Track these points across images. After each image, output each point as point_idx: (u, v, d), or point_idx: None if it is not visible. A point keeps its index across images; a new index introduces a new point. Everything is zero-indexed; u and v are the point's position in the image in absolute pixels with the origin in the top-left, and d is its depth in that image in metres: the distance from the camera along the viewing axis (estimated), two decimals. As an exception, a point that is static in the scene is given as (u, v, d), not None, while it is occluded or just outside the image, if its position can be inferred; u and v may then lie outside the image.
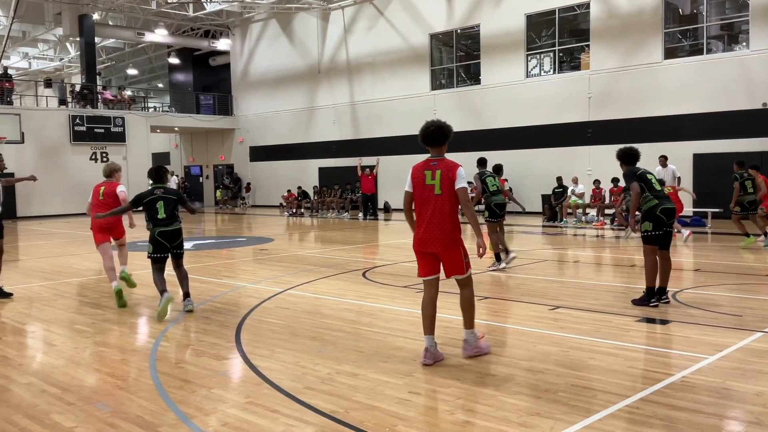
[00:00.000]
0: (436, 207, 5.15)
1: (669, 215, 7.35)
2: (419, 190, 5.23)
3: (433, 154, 5.33)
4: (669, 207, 7.36)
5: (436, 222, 5.15)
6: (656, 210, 7.31)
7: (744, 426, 3.96)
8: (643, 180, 7.47)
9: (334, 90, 29.60)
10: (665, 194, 7.56)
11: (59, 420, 4.25)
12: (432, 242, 5.18)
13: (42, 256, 13.77)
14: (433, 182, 5.17)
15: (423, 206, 5.20)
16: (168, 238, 7.64)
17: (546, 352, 5.58)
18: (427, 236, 5.18)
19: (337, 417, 4.17)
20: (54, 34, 37.54)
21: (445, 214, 5.15)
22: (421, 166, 5.29)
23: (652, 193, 7.40)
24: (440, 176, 5.16)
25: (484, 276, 10.05)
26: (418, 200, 5.24)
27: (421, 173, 5.24)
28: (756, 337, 5.90)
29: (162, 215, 7.61)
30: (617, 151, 7.90)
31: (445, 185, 5.14)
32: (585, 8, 21.77)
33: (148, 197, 7.69)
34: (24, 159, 26.70)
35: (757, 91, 18.25)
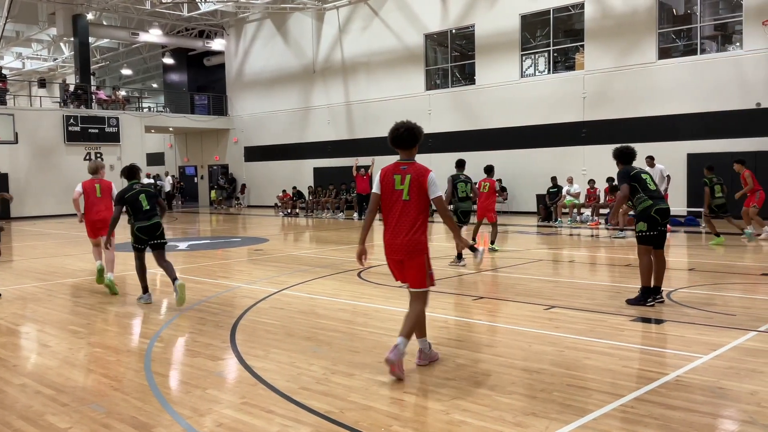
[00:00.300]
0: (403, 213, 4.96)
1: (663, 215, 7.37)
2: (387, 194, 5.03)
3: (403, 157, 5.12)
4: (663, 207, 7.38)
5: (402, 228, 4.96)
6: (651, 210, 7.33)
7: (738, 425, 3.98)
8: (638, 180, 7.47)
9: (329, 90, 29.59)
10: (660, 194, 7.57)
11: (54, 421, 4.23)
12: (397, 249, 5.00)
13: (36, 256, 13.71)
14: (402, 187, 4.97)
15: (390, 211, 5.02)
16: (147, 232, 8.17)
17: (541, 352, 5.59)
18: (393, 242, 5.01)
19: (332, 417, 4.17)
20: (48, 34, 37.41)
21: (411, 221, 4.95)
22: (391, 169, 5.07)
23: (647, 193, 7.40)
24: (409, 181, 4.96)
25: (479, 276, 10.06)
26: (385, 204, 5.05)
27: (390, 177, 5.03)
28: (750, 336, 5.93)
29: (146, 206, 8.16)
30: (613, 150, 7.91)
31: (413, 191, 4.95)
32: (579, 8, 21.82)
33: (129, 193, 8.20)
34: (18, 159, 26.61)
35: (750, 91, 18.32)
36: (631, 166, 7.70)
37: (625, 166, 7.69)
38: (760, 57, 18.13)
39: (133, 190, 8.24)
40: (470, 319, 6.96)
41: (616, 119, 20.82)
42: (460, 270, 10.47)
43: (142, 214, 8.14)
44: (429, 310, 7.39)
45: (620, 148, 7.82)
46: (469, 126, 24.59)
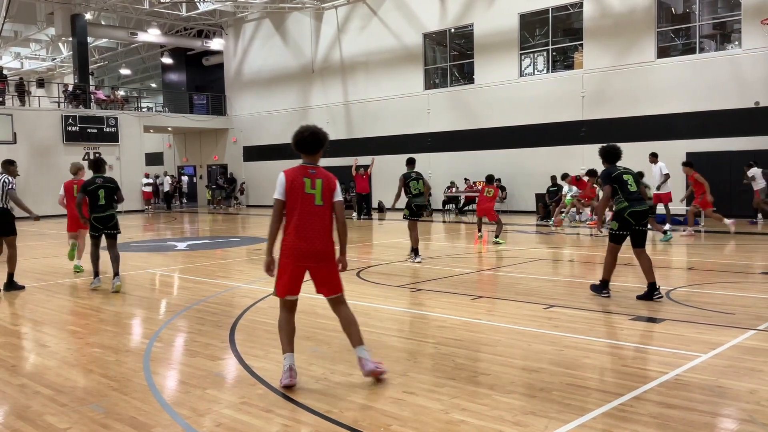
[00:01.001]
0: (318, 218, 4.80)
1: (637, 218, 7.57)
2: (296, 199, 4.76)
3: (307, 161, 4.90)
4: (639, 210, 7.56)
5: (318, 234, 4.81)
6: (624, 212, 7.56)
7: (737, 424, 3.98)
8: (619, 182, 7.64)
9: (327, 90, 29.58)
10: (638, 197, 7.67)
11: (53, 421, 4.23)
12: (312, 256, 4.83)
13: (35, 256, 13.71)
14: (314, 191, 4.79)
15: (304, 217, 4.77)
16: (102, 222, 9.15)
17: (540, 351, 5.59)
18: (307, 249, 4.79)
19: (332, 417, 4.16)
20: (46, 33, 37.37)
21: (328, 227, 4.86)
22: (298, 172, 4.82)
23: (625, 195, 7.59)
24: (321, 186, 4.81)
25: (478, 275, 10.06)
26: (295, 209, 4.77)
27: (299, 180, 4.78)
28: (749, 335, 5.93)
29: (102, 201, 9.12)
30: (600, 148, 8.05)
31: (326, 196, 4.83)
32: (578, 7, 21.82)
33: (91, 186, 9.12)
34: (16, 159, 26.40)
35: (749, 90, 18.33)
36: (614, 167, 7.83)
37: (610, 166, 7.86)
38: (758, 56, 18.15)
39: (95, 184, 9.14)
40: (469, 318, 6.96)
41: (615, 118, 20.84)
42: (454, 269, 10.48)
43: (98, 206, 9.08)
44: (428, 308, 7.41)
45: (606, 147, 7.96)
46: (467, 125, 24.60)
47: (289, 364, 4.76)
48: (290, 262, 4.82)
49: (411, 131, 26.28)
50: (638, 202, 7.62)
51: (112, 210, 9.22)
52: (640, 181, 8.01)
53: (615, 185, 7.63)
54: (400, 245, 14.69)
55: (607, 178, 7.69)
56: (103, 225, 9.14)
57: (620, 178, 7.66)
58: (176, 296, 9.05)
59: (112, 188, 9.23)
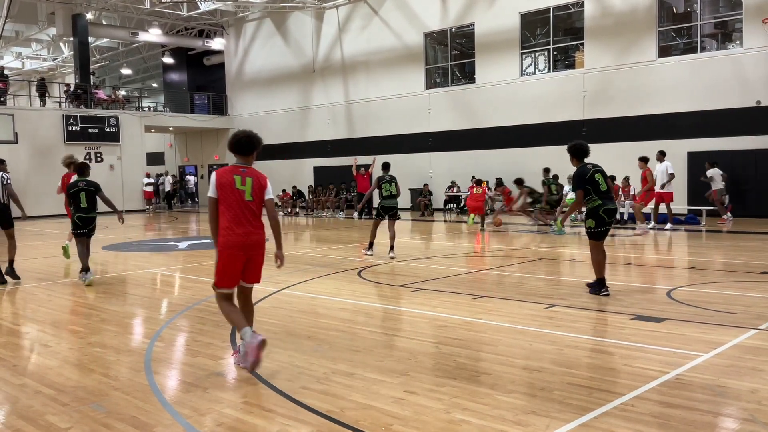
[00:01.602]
0: (250, 212, 5.20)
1: (610, 215, 7.91)
2: (227, 195, 5.15)
3: (240, 161, 5.31)
4: (611, 207, 7.91)
5: (254, 227, 5.21)
6: (599, 210, 7.85)
7: (738, 423, 3.98)
8: (591, 183, 7.92)
9: (328, 89, 29.58)
10: (610, 195, 7.99)
11: (54, 421, 4.23)
12: (251, 246, 5.21)
13: (36, 256, 13.72)
14: (243, 188, 5.18)
15: (237, 211, 5.15)
16: (84, 222, 9.91)
17: (541, 351, 5.59)
18: (246, 241, 5.17)
19: (333, 416, 4.16)
20: (47, 33, 37.40)
21: (258, 220, 5.25)
22: (229, 170, 5.21)
23: (598, 194, 7.88)
24: (251, 183, 5.21)
25: (479, 275, 10.06)
26: (228, 205, 5.15)
27: (229, 177, 5.17)
28: (750, 335, 5.92)
29: (84, 204, 9.84)
30: (569, 146, 8.30)
31: (256, 193, 5.22)
32: (579, 7, 21.81)
33: (73, 189, 9.90)
34: (18, 159, 26.58)
35: (750, 89, 18.31)
36: (585, 167, 8.08)
37: (580, 165, 8.14)
38: (759, 55, 18.13)
39: (77, 187, 9.89)
40: (471, 318, 6.96)
41: (616, 117, 20.82)
42: (455, 269, 10.48)
43: (81, 208, 9.88)
44: (429, 308, 7.41)
45: (575, 145, 8.24)
46: (468, 125, 24.59)
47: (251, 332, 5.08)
48: (230, 256, 5.16)
49: (412, 131, 26.27)
50: (610, 200, 7.97)
51: (94, 213, 10.02)
52: (607, 177, 8.20)
53: (588, 186, 7.91)
54: (402, 245, 14.70)
55: (581, 182, 7.95)
56: (84, 225, 9.94)
57: (593, 179, 7.93)
58: (177, 296, 9.06)
59: (92, 191, 9.94)
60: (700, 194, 18.67)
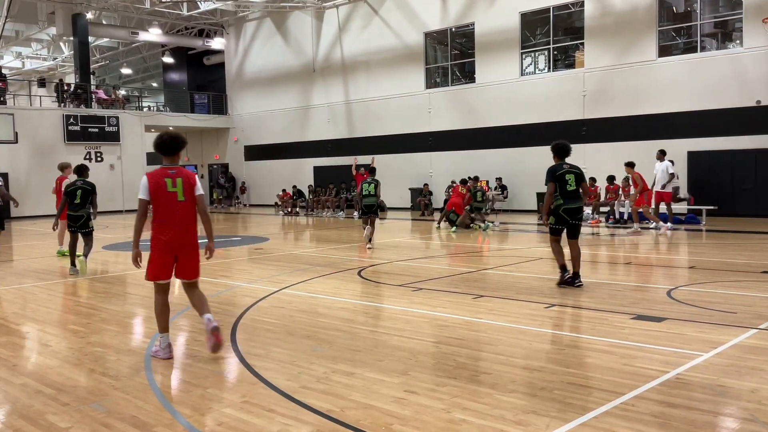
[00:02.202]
0: (184, 212, 5.46)
1: (571, 214, 8.43)
2: (160, 197, 5.36)
3: (167, 162, 5.50)
4: (572, 207, 8.41)
5: (187, 227, 5.49)
6: (560, 209, 8.42)
7: (739, 423, 3.97)
8: (560, 180, 8.43)
9: (328, 89, 29.58)
10: (575, 195, 8.45)
11: (54, 421, 4.23)
12: (181, 245, 5.49)
13: (36, 256, 13.73)
14: (175, 189, 5.39)
15: (168, 212, 5.39)
16: (74, 219, 10.88)
17: (542, 350, 5.59)
18: (177, 239, 5.44)
19: (333, 416, 4.16)
20: (47, 33, 37.38)
21: (192, 219, 5.53)
22: (159, 173, 5.41)
23: (563, 194, 8.41)
24: (182, 184, 5.43)
25: (479, 274, 10.07)
26: (161, 207, 5.38)
27: (161, 180, 5.37)
28: (750, 334, 5.93)
29: (78, 201, 10.76)
30: (552, 144, 8.79)
31: (187, 193, 5.45)
32: (579, 6, 21.80)
33: (71, 187, 10.88)
34: (18, 159, 26.61)
35: (750, 89, 18.31)
36: (559, 165, 8.57)
37: (558, 162, 8.61)
38: (760, 54, 18.12)
39: (74, 186, 10.83)
40: (471, 317, 6.96)
41: (617, 117, 20.82)
42: (455, 269, 10.48)
43: (74, 205, 10.78)
44: (430, 308, 7.41)
45: (558, 144, 8.72)
46: (469, 124, 24.59)
47: (168, 342, 5.55)
48: (160, 252, 5.44)
49: (412, 130, 26.27)
50: (573, 200, 8.44)
51: (83, 210, 10.87)
52: (582, 179, 8.61)
53: (557, 183, 8.40)
54: (402, 244, 14.71)
55: (552, 177, 8.47)
56: (74, 222, 10.91)
57: (563, 177, 8.43)
58: (177, 295, 9.06)
59: (88, 191, 10.84)
60: (701, 194, 18.69)
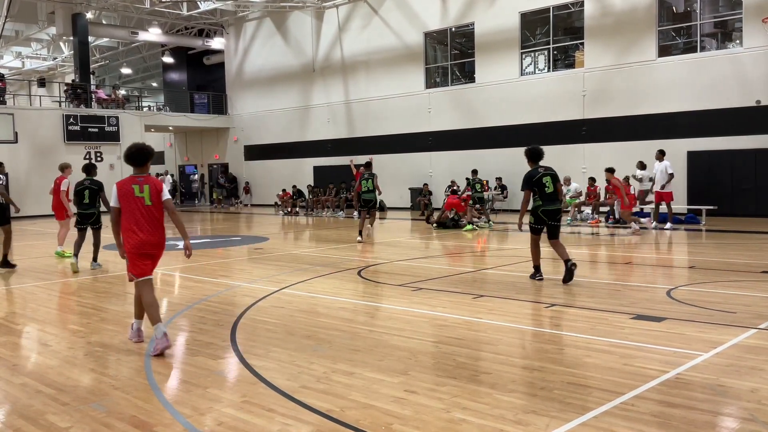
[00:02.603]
0: (152, 215, 5.91)
1: (550, 215, 8.85)
2: (129, 203, 5.85)
3: (136, 172, 6.01)
4: (550, 209, 8.83)
5: (155, 228, 5.92)
6: (538, 210, 8.84)
7: (738, 422, 3.98)
8: (538, 185, 8.83)
9: (328, 89, 29.58)
10: (552, 197, 8.86)
11: (54, 420, 4.23)
12: (153, 245, 5.92)
13: (36, 256, 13.73)
14: (142, 195, 5.88)
15: (138, 216, 5.86)
16: (84, 217, 11.39)
17: (541, 350, 5.59)
18: (150, 240, 5.87)
19: (333, 416, 4.16)
20: (47, 33, 37.37)
21: (160, 221, 5.98)
22: (128, 181, 5.95)
23: (541, 196, 8.82)
24: (149, 190, 5.91)
25: (479, 274, 10.07)
26: (129, 211, 5.86)
27: (129, 187, 5.90)
28: (750, 334, 5.93)
29: (86, 200, 11.24)
30: (525, 149, 9.15)
31: (154, 197, 5.92)
32: (579, 6, 21.80)
33: (80, 187, 11.33)
34: (18, 159, 26.59)
35: (750, 89, 18.31)
36: (536, 170, 8.93)
37: (532, 167, 8.99)
38: (759, 54, 18.12)
39: (82, 186, 11.32)
40: (470, 317, 6.96)
41: (616, 117, 20.83)
42: (455, 268, 10.48)
43: (83, 204, 11.27)
44: (429, 308, 7.42)
45: (531, 149, 9.08)
46: (468, 124, 24.59)
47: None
48: (136, 252, 5.87)
49: (412, 130, 26.27)
50: (551, 201, 8.85)
51: (94, 208, 11.33)
52: (557, 180, 8.99)
53: (535, 188, 8.80)
54: (401, 244, 14.71)
55: (529, 183, 8.87)
56: (85, 220, 11.39)
57: (540, 182, 8.82)
58: (177, 295, 9.06)
59: (95, 190, 11.30)
60: (701, 193, 18.70)
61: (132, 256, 5.86)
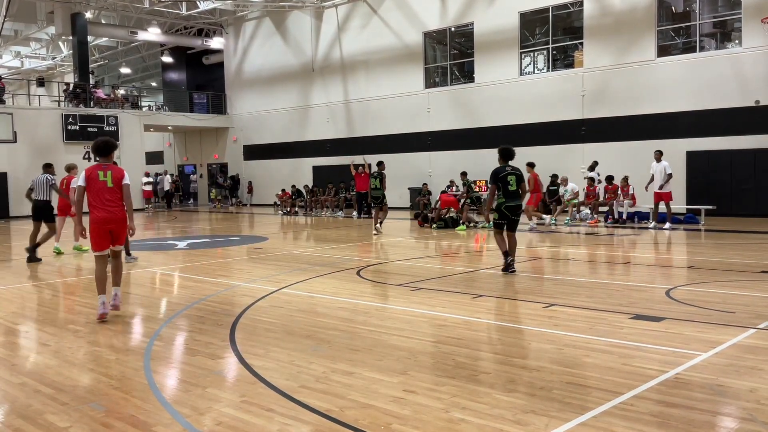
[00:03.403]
0: (112, 196, 7.20)
1: (512, 211, 9.68)
2: (93, 184, 7.14)
3: (102, 161, 7.32)
4: (512, 205, 9.64)
5: (114, 207, 7.19)
6: (501, 206, 9.68)
7: (737, 422, 3.98)
8: (503, 181, 9.61)
9: (328, 88, 29.57)
10: (515, 195, 9.65)
11: (53, 420, 4.23)
12: (112, 221, 7.16)
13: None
14: (105, 179, 7.17)
15: (100, 195, 7.14)
16: None
17: (540, 350, 5.59)
18: (108, 217, 7.13)
19: (332, 416, 4.16)
20: (46, 32, 37.34)
21: (119, 201, 7.24)
22: (94, 168, 7.24)
23: (504, 193, 9.62)
24: (111, 175, 7.22)
25: (478, 274, 10.07)
26: (93, 192, 7.14)
27: (95, 173, 7.18)
28: (749, 334, 5.93)
29: None
30: (498, 148, 10.00)
31: (115, 182, 7.22)
32: (578, 6, 21.81)
33: None
34: (17, 158, 26.58)
35: (749, 89, 18.32)
36: (502, 167, 9.72)
37: (501, 164, 9.79)
38: (759, 54, 18.14)
39: None
40: (469, 317, 6.96)
41: (616, 117, 20.83)
42: (454, 268, 10.49)
43: None
44: (429, 308, 7.42)
45: (504, 148, 9.92)
46: (468, 124, 24.59)
47: (103, 301, 7.11)
48: (98, 227, 7.13)
49: (411, 130, 26.27)
50: (513, 198, 9.64)
51: None
52: (522, 180, 9.77)
53: (499, 183, 9.55)
54: (401, 244, 14.72)
55: (495, 178, 9.65)
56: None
57: (505, 178, 9.60)
58: (176, 295, 9.06)
59: None
60: (700, 193, 18.71)
61: (93, 233, 7.13)
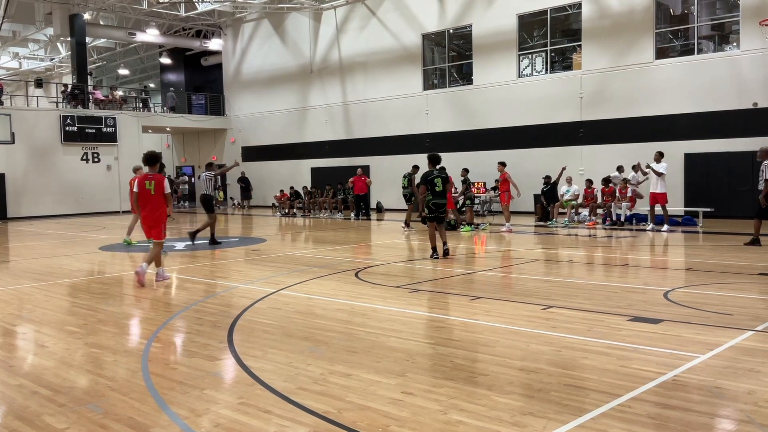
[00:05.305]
0: (154, 201, 9.53)
1: (437, 207, 11.76)
2: (142, 191, 9.52)
3: (149, 171, 9.55)
4: (438, 202, 11.73)
5: (156, 209, 9.54)
6: (430, 203, 11.78)
7: (735, 424, 3.98)
8: (430, 183, 11.69)
9: (326, 90, 29.58)
10: (441, 194, 11.70)
11: (51, 422, 4.22)
12: (153, 219, 9.55)
13: (33, 257, 13.69)
14: (150, 187, 9.48)
15: (146, 200, 9.53)
16: None
17: (538, 352, 5.59)
18: (151, 216, 9.54)
19: (330, 417, 4.16)
20: (45, 33, 37.31)
21: (159, 206, 9.54)
22: (143, 177, 9.60)
23: (432, 193, 11.73)
24: (154, 184, 9.49)
25: (476, 276, 10.07)
26: (142, 197, 9.54)
27: (143, 182, 9.53)
28: (747, 336, 5.94)
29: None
30: (428, 154, 12.15)
31: (158, 190, 9.48)
32: (576, 8, 21.84)
33: None
34: (15, 159, 26.56)
35: (747, 91, 18.35)
36: (432, 171, 11.73)
37: (430, 169, 11.80)
38: (756, 57, 18.17)
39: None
40: (468, 318, 6.97)
41: (614, 119, 20.86)
42: (453, 270, 10.50)
43: None
44: (426, 309, 7.42)
45: (431, 155, 12.03)
46: (466, 126, 24.60)
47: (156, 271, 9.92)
48: (145, 223, 9.62)
49: (410, 132, 26.28)
50: (439, 197, 11.72)
51: None
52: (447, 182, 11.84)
53: (428, 185, 11.64)
54: (399, 246, 14.72)
55: (424, 180, 11.76)
56: None
57: (432, 181, 11.67)
58: (174, 297, 9.05)
59: None
60: (697, 196, 18.73)
61: (144, 226, 9.65)
